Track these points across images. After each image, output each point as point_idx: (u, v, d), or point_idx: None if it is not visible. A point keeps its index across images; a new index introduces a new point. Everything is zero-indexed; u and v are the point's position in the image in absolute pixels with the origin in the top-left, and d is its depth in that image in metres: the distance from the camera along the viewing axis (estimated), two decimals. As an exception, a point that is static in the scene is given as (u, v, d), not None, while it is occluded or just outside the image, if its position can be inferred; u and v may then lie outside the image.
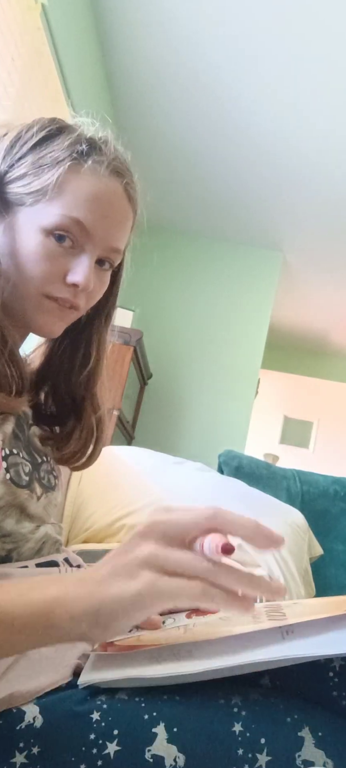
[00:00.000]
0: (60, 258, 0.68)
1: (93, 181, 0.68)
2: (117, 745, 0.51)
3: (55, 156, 0.67)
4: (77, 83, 2.40)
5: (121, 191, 0.70)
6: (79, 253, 0.69)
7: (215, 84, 2.62)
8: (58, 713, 0.54)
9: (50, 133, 0.69)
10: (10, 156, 0.69)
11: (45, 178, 0.66)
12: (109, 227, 0.69)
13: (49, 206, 0.66)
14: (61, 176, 0.66)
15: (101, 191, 0.68)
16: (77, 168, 0.67)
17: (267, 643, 0.56)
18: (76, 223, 0.67)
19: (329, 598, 0.70)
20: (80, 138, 0.69)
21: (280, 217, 3.48)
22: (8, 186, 0.68)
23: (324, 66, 2.39)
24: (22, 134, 0.70)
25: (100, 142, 0.70)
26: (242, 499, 1.89)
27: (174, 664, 0.57)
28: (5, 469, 0.66)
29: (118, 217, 0.70)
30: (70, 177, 0.67)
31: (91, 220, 0.67)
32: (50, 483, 0.75)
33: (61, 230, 0.66)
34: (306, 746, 0.52)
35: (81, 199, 0.67)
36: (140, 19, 2.40)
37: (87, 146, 0.68)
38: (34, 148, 0.69)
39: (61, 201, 0.66)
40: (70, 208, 0.66)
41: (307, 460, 5.19)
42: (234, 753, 0.51)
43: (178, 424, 3.54)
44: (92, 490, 1.77)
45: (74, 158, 0.67)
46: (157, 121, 2.93)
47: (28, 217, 0.67)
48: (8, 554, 0.64)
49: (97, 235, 0.68)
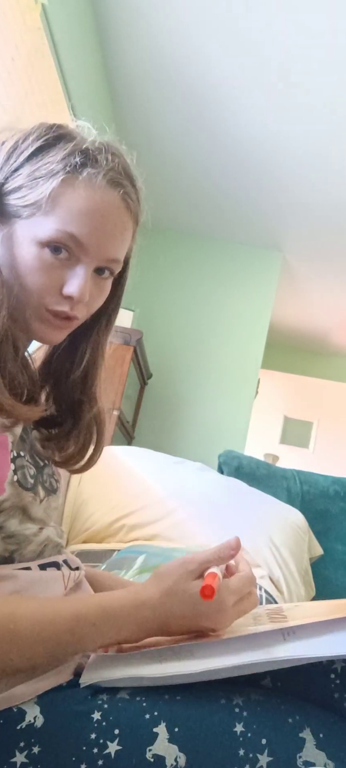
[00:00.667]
0: (56, 270, 0.67)
1: (87, 194, 0.67)
2: (118, 744, 0.51)
3: (50, 168, 0.67)
4: (77, 83, 2.40)
5: (119, 202, 0.69)
6: (75, 264, 0.68)
7: (216, 85, 2.62)
8: (59, 712, 0.54)
9: (47, 142, 0.68)
10: (7, 166, 0.68)
11: (39, 191, 0.66)
12: (105, 240, 0.69)
13: (44, 220, 0.66)
14: (54, 190, 0.66)
15: (96, 204, 0.67)
16: (72, 181, 0.66)
17: (268, 645, 0.56)
18: (70, 237, 0.66)
19: (329, 602, 0.70)
20: (75, 149, 0.68)
21: (280, 217, 3.48)
22: (5, 197, 0.68)
23: (324, 66, 2.39)
24: (19, 144, 0.69)
25: (95, 152, 0.69)
26: (242, 499, 1.89)
27: (175, 663, 0.57)
28: (13, 470, 0.66)
29: (114, 229, 0.70)
30: (65, 190, 0.66)
31: (86, 233, 0.67)
32: (52, 486, 0.75)
33: (55, 243, 0.66)
34: (307, 747, 0.52)
35: (75, 212, 0.66)
36: (140, 19, 2.40)
37: (82, 158, 0.67)
38: (30, 159, 0.68)
39: (56, 215, 0.66)
40: (65, 223, 0.66)
41: (307, 460, 5.19)
42: (235, 753, 0.51)
43: (178, 424, 3.54)
44: (92, 490, 1.77)
45: (68, 171, 0.66)
46: (156, 120, 2.93)
47: (25, 230, 0.67)
48: (11, 555, 0.64)
49: (93, 247, 0.68)
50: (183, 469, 1.98)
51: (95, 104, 2.66)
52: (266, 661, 0.54)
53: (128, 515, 1.71)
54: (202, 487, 1.90)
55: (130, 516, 1.71)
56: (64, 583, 0.68)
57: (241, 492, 1.93)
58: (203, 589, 0.57)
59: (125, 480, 1.83)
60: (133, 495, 1.77)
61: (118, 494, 1.77)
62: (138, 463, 1.93)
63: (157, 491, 1.79)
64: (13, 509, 0.65)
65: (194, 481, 1.92)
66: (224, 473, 2.16)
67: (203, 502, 1.81)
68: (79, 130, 0.72)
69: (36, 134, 0.69)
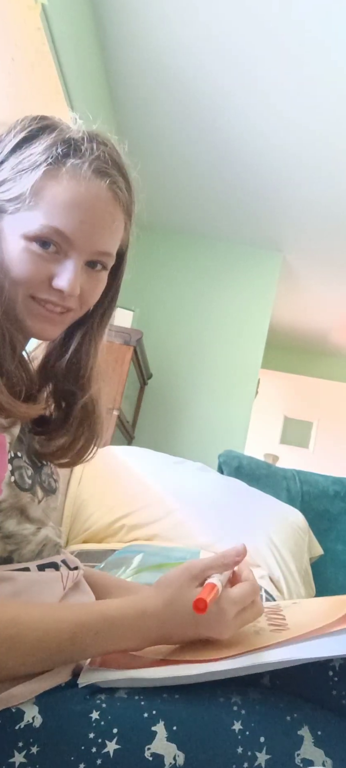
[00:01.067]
0: (45, 262, 0.66)
1: (71, 185, 0.65)
2: (117, 743, 0.51)
3: (33, 161, 0.65)
4: (77, 83, 2.40)
5: (105, 192, 0.67)
6: (64, 258, 0.67)
7: (216, 85, 2.62)
8: (58, 712, 0.54)
9: (30, 134, 0.67)
10: None
11: (23, 184, 0.64)
12: (92, 232, 0.67)
13: (29, 214, 0.65)
14: (36, 183, 0.64)
15: (81, 196, 0.65)
16: (55, 173, 0.65)
17: (267, 647, 0.56)
18: (56, 231, 0.65)
19: (327, 598, 0.70)
20: (57, 139, 0.66)
21: (280, 217, 3.48)
22: None
23: (324, 66, 2.39)
24: (3, 137, 0.68)
25: (79, 142, 0.67)
26: (242, 499, 1.89)
27: (173, 667, 0.57)
28: (10, 471, 0.66)
29: (102, 221, 0.68)
30: (48, 183, 0.64)
31: (72, 227, 0.65)
32: (51, 486, 0.75)
33: (42, 239, 0.65)
34: (305, 745, 0.52)
35: (59, 206, 0.65)
36: (140, 19, 2.40)
37: (65, 148, 0.65)
38: (14, 152, 0.66)
39: (40, 209, 0.64)
40: (50, 217, 0.64)
41: (307, 460, 5.19)
42: (234, 751, 0.51)
43: (178, 424, 3.54)
44: (92, 491, 1.77)
45: (50, 163, 0.65)
46: (156, 120, 2.93)
47: (11, 225, 0.66)
48: (10, 555, 0.64)
49: (80, 241, 0.66)
50: (183, 469, 1.98)
51: (95, 104, 2.66)
52: (265, 663, 0.54)
53: (128, 515, 1.71)
54: (202, 487, 1.90)
55: (129, 516, 1.71)
56: (62, 583, 0.68)
57: (241, 492, 1.93)
58: (196, 603, 0.56)
59: (125, 480, 1.83)
60: (133, 495, 1.77)
61: (118, 494, 1.77)
62: (138, 463, 1.93)
63: (157, 491, 1.79)
64: (10, 510, 0.65)
65: (194, 481, 1.92)
66: (224, 473, 2.16)
67: (203, 502, 1.81)
68: (66, 121, 0.70)
69: (20, 126, 0.68)
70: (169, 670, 0.56)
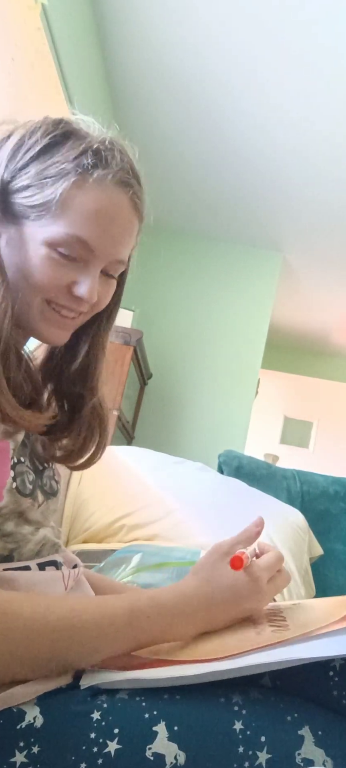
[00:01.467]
0: (65, 269, 0.67)
1: (98, 195, 0.66)
2: (118, 743, 0.51)
3: (60, 169, 0.65)
4: (77, 83, 2.40)
5: (127, 202, 0.69)
6: (84, 266, 0.68)
7: (216, 85, 2.62)
8: (59, 712, 0.54)
9: (54, 140, 0.67)
10: (12, 164, 0.66)
11: (48, 193, 0.64)
12: (113, 242, 0.68)
13: (53, 222, 0.65)
14: (65, 192, 0.64)
15: (106, 206, 0.66)
16: (81, 183, 0.65)
17: (268, 648, 0.56)
18: (80, 240, 0.66)
19: (328, 599, 0.70)
20: (86, 149, 0.66)
21: (280, 217, 3.48)
22: (12, 196, 0.66)
23: (324, 66, 2.39)
24: (26, 140, 0.67)
25: (106, 153, 0.67)
26: (242, 499, 1.89)
27: (176, 667, 0.57)
28: (12, 477, 0.66)
29: (122, 231, 0.69)
30: (75, 192, 0.65)
31: (95, 237, 0.66)
32: (52, 489, 0.75)
33: (65, 247, 0.66)
34: (306, 745, 0.52)
35: (85, 216, 0.65)
36: (141, 19, 2.40)
37: (93, 159, 0.66)
38: (38, 158, 0.66)
39: (66, 217, 0.65)
40: (74, 226, 0.65)
41: (307, 460, 5.19)
42: (234, 751, 0.51)
43: (178, 424, 3.54)
44: (92, 490, 1.77)
45: (79, 173, 0.65)
46: (156, 120, 2.93)
47: (33, 231, 0.66)
48: (10, 554, 0.65)
49: (102, 250, 0.68)
50: (183, 469, 1.98)
51: (95, 104, 2.66)
52: (267, 663, 0.54)
53: (128, 515, 1.71)
54: (202, 487, 1.89)
55: (130, 516, 1.71)
56: (64, 583, 0.68)
57: (241, 492, 1.93)
58: (233, 560, 0.62)
59: (125, 480, 1.83)
60: (133, 495, 1.77)
61: (118, 494, 1.77)
62: (138, 463, 1.93)
63: (157, 491, 1.79)
64: (10, 514, 0.65)
65: (193, 481, 1.92)
66: (224, 473, 2.16)
67: (203, 502, 1.81)
68: (85, 126, 0.70)
69: (43, 130, 0.67)
70: (170, 671, 0.56)
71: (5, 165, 0.67)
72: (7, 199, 0.67)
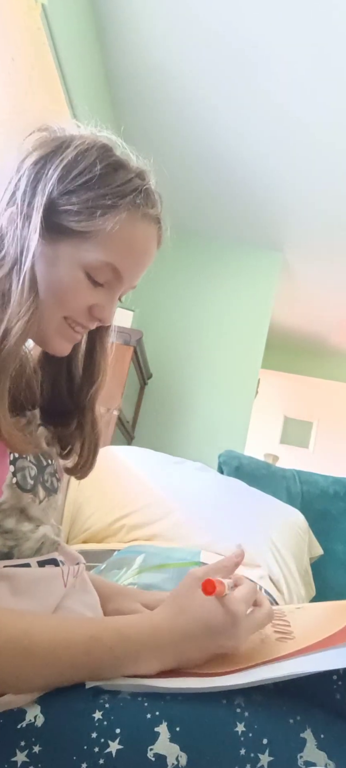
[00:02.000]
0: (91, 292, 0.69)
1: (137, 232, 0.70)
2: (119, 743, 0.51)
3: (111, 202, 0.67)
4: (77, 83, 2.40)
5: (156, 237, 0.73)
6: (108, 291, 0.71)
7: (216, 85, 2.62)
8: (60, 712, 0.53)
9: (106, 170, 0.68)
10: (62, 184, 0.66)
11: (98, 222, 0.66)
12: (138, 272, 0.73)
13: (93, 249, 0.67)
14: (115, 226, 0.66)
15: (142, 241, 0.71)
16: (130, 218, 0.68)
17: (276, 659, 0.56)
18: (114, 269, 0.69)
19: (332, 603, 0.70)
20: (138, 188, 0.69)
21: (280, 217, 3.48)
22: (56, 214, 0.66)
23: (324, 66, 2.39)
24: (78, 163, 0.67)
25: (152, 193, 0.72)
26: (242, 499, 1.89)
27: (184, 678, 0.57)
28: (12, 473, 0.66)
29: (147, 263, 0.73)
30: (121, 225, 0.68)
31: (128, 267, 0.70)
32: (53, 486, 0.75)
33: (98, 273, 0.68)
34: (308, 747, 0.52)
35: (123, 247, 0.69)
36: (140, 19, 2.40)
37: (144, 199, 0.70)
38: (90, 185, 0.67)
39: (106, 247, 0.67)
40: (112, 256, 0.68)
41: (307, 460, 5.19)
42: (236, 753, 0.51)
43: (178, 424, 3.54)
44: (92, 490, 1.77)
45: (129, 210, 0.68)
46: (156, 120, 2.93)
47: (70, 252, 0.67)
48: (10, 551, 0.65)
49: (128, 279, 0.72)
50: (183, 469, 1.98)
51: (95, 104, 2.66)
52: (274, 677, 0.54)
53: (128, 515, 1.71)
54: (202, 487, 1.89)
55: (130, 516, 1.71)
56: (63, 580, 0.68)
57: (241, 492, 1.93)
58: (204, 585, 0.57)
59: (125, 480, 1.83)
60: (133, 495, 1.77)
61: (118, 494, 1.77)
62: (138, 463, 1.93)
63: (157, 491, 1.79)
64: (10, 510, 0.65)
65: (193, 481, 1.92)
66: (224, 473, 2.16)
67: (203, 502, 1.81)
68: (125, 154, 0.73)
69: (95, 156, 0.68)
70: (179, 682, 0.56)
71: (55, 183, 0.66)
72: (50, 217, 0.66)
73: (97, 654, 0.56)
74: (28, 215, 0.66)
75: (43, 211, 0.65)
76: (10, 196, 0.67)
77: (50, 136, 0.70)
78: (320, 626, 0.60)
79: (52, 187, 0.66)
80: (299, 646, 0.57)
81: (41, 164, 0.67)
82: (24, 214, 0.66)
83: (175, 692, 0.55)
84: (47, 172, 0.66)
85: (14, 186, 0.67)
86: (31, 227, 0.65)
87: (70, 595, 0.69)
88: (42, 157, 0.67)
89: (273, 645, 0.59)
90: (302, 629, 0.62)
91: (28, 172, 0.67)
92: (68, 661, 0.55)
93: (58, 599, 0.66)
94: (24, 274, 0.64)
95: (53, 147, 0.68)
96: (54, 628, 0.57)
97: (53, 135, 0.70)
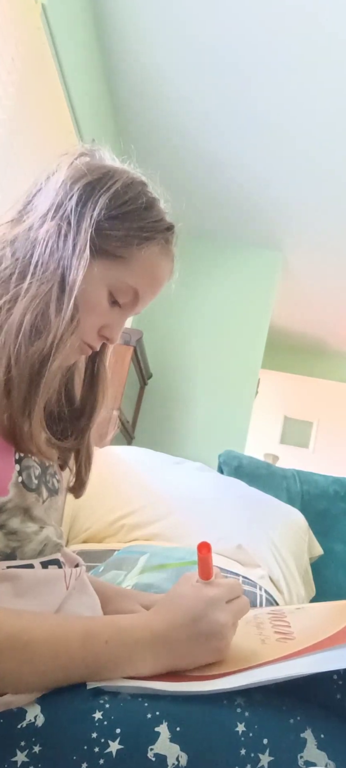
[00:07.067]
0: (105, 310, 0.73)
1: (162, 264, 0.76)
2: (119, 743, 0.51)
3: (148, 235, 0.73)
4: (77, 83, 2.40)
5: (171, 273, 0.79)
6: (122, 312, 0.75)
7: (216, 85, 2.62)
8: (60, 712, 0.53)
9: (144, 205, 0.74)
10: (108, 211, 0.71)
11: (130, 251, 0.71)
12: (151, 300, 0.78)
13: (120, 272, 0.72)
14: (146, 260, 0.73)
15: (162, 274, 0.77)
16: (159, 251, 0.75)
17: (277, 662, 0.56)
18: (134, 293, 0.74)
19: (332, 604, 0.70)
20: (171, 227, 0.77)
21: (280, 217, 3.48)
22: (99, 237, 0.70)
23: (324, 66, 2.39)
24: (126, 193, 0.73)
25: (172, 228, 0.78)
26: (242, 499, 1.89)
27: (186, 682, 0.57)
28: (18, 471, 0.66)
29: (158, 293, 0.79)
30: (148, 257, 0.73)
31: (146, 294, 0.75)
32: (54, 486, 0.76)
33: (119, 294, 0.73)
34: (308, 747, 0.52)
35: (147, 276, 0.74)
36: (140, 19, 2.40)
37: (172, 236, 0.77)
38: (130, 216, 0.72)
39: (132, 272, 0.72)
40: (136, 281, 0.73)
41: (307, 460, 5.19)
42: (237, 753, 0.51)
43: (178, 424, 3.54)
44: (92, 490, 1.76)
45: (162, 244, 0.75)
46: (156, 121, 2.93)
47: (103, 272, 0.71)
48: (13, 551, 0.65)
49: (142, 304, 0.76)
50: (183, 469, 1.98)
51: (95, 103, 2.66)
52: (275, 677, 0.54)
53: (128, 515, 1.71)
54: (202, 487, 1.89)
55: (130, 516, 1.71)
56: (65, 582, 0.68)
57: (241, 492, 1.93)
58: (199, 546, 0.62)
59: (125, 480, 1.83)
60: (133, 495, 1.77)
61: (119, 494, 1.77)
62: (138, 463, 1.93)
63: (157, 491, 1.79)
64: (15, 509, 0.65)
65: (193, 481, 1.91)
66: (224, 473, 2.16)
67: (203, 502, 1.81)
68: (160, 201, 0.78)
69: (136, 192, 0.74)
70: (181, 686, 0.56)
71: (103, 209, 0.71)
72: (92, 238, 0.70)
73: (93, 648, 0.57)
74: (75, 234, 0.69)
75: (90, 233, 0.69)
76: (55, 211, 0.70)
77: (95, 163, 0.75)
78: (321, 626, 0.60)
79: (101, 211, 0.71)
80: (300, 647, 0.57)
81: (90, 188, 0.71)
82: (71, 232, 0.69)
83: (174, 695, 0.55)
84: (96, 197, 0.71)
85: (60, 200, 0.70)
86: (78, 247, 0.68)
87: (71, 597, 0.69)
88: (90, 183, 0.72)
89: (273, 646, 0.59)
90: (303, 630, 0.61)
91: (79, 192, 0.71)
92: (66, 657, 0.56)
93: (60, 601, 0.66)
94: (72, 296, 0.67)
95: (100, 174, 0.73)
96: (52, 625, 0.58)
97: (99, 162, 0.75)
